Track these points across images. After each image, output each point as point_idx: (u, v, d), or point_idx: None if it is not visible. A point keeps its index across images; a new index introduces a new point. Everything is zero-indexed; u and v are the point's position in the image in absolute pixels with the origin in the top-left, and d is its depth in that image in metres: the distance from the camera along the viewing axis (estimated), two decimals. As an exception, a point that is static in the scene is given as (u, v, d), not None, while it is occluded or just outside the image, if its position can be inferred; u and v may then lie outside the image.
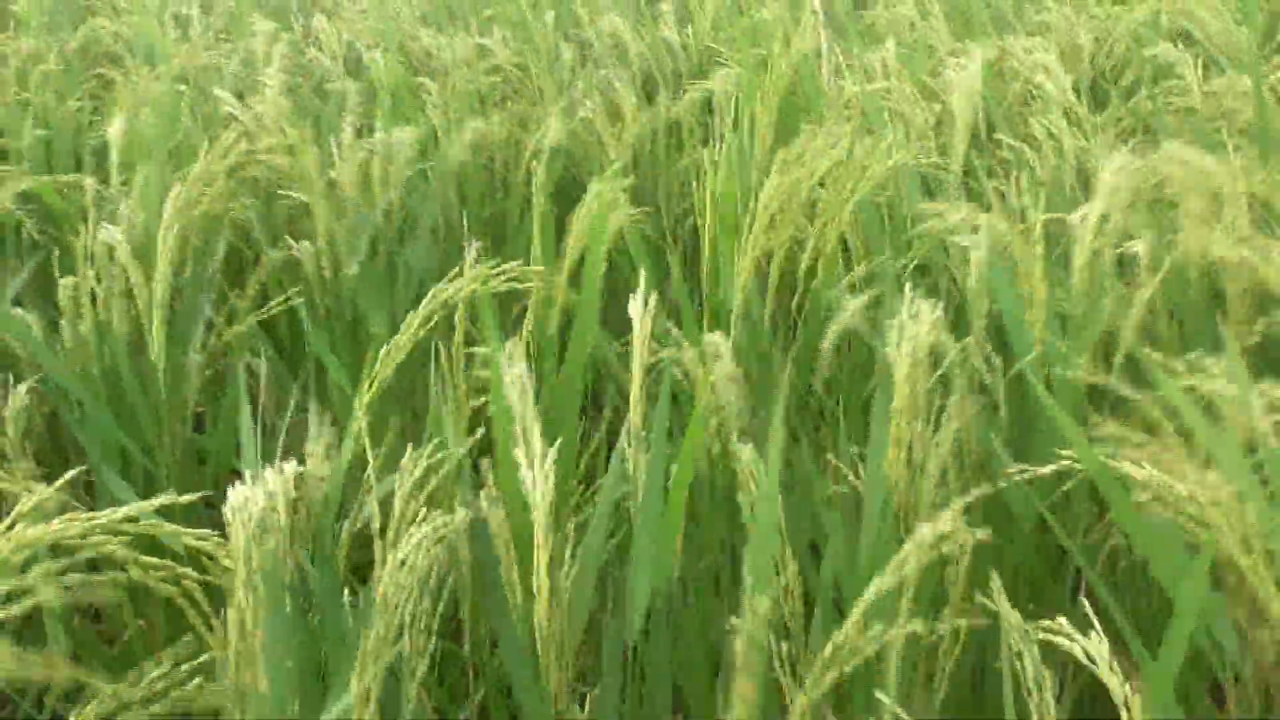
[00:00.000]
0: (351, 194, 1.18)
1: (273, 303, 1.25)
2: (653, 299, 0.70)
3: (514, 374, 0.60)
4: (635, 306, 0.70)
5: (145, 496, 1.08)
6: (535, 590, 0.59)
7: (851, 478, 0.80)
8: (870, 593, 0.55)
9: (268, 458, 1.32)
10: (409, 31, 2.36)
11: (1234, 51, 1.55)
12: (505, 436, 0.63)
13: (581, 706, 0.68)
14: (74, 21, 3.35)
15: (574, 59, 2.19)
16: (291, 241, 1.20)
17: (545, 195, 1.04)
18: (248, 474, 0.59)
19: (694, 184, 1.33)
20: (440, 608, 0.64)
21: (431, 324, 0.78)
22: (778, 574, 0.67)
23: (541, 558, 0.58)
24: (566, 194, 1.70)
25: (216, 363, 1.45)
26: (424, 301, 0.76)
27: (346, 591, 0.66)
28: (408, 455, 0.67)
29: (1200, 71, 1.44)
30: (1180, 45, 1.66)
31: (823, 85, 1.47)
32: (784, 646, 0.67)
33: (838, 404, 1.02)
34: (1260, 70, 1.19)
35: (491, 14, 2.65)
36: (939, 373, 0.77)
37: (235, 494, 0.57)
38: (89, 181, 1.16)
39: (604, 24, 2.56)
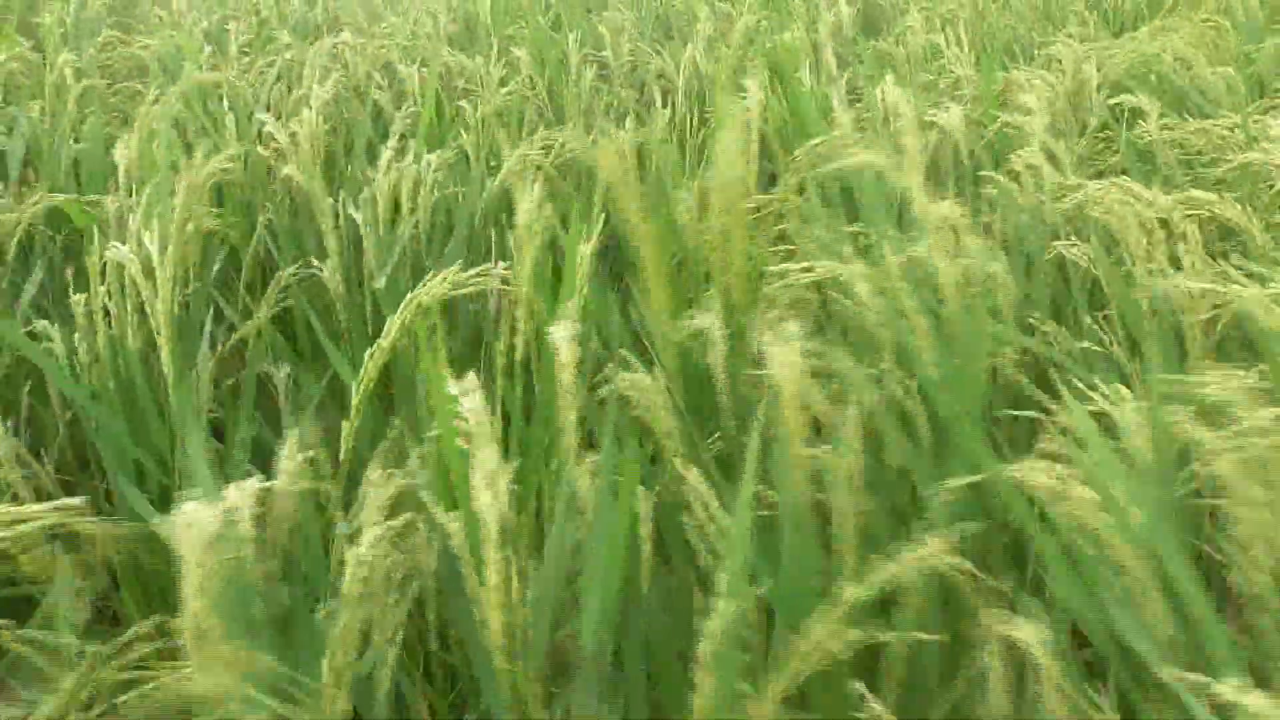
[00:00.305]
0: (384, 214, 1.20)
1: (274, 309, 1.26)
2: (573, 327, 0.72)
3: (471, 402, 0.61)
4: (558, 334, 0.71)
5: (161, 507, 1.10)
6: (488, 605, 0.60)
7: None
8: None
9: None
10: (435, 50, 2.38)
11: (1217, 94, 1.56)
12: (453, 456, 0.64)
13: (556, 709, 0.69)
14: (106, 34, 3.42)
15: (593, 79, 2.21)
16: (315, 261, 1.22)
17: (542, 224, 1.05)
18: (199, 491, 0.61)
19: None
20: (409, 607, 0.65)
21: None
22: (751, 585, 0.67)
23: (492, 577, 0.59)
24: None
25: (235, 373, 1.47)
26: (401, 306, 0.77)
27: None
28: (373, 468, 0.68)
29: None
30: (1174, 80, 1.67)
31: (826, 113, 1.48)
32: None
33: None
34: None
35: (512, 33, 2.67)
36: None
37: (183, 512, 0.57)
38: (110, 199, 1.18)
39: (624, 44, 2.58)
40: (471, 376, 0.63)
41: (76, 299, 1.14)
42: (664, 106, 2.04)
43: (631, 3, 3.45)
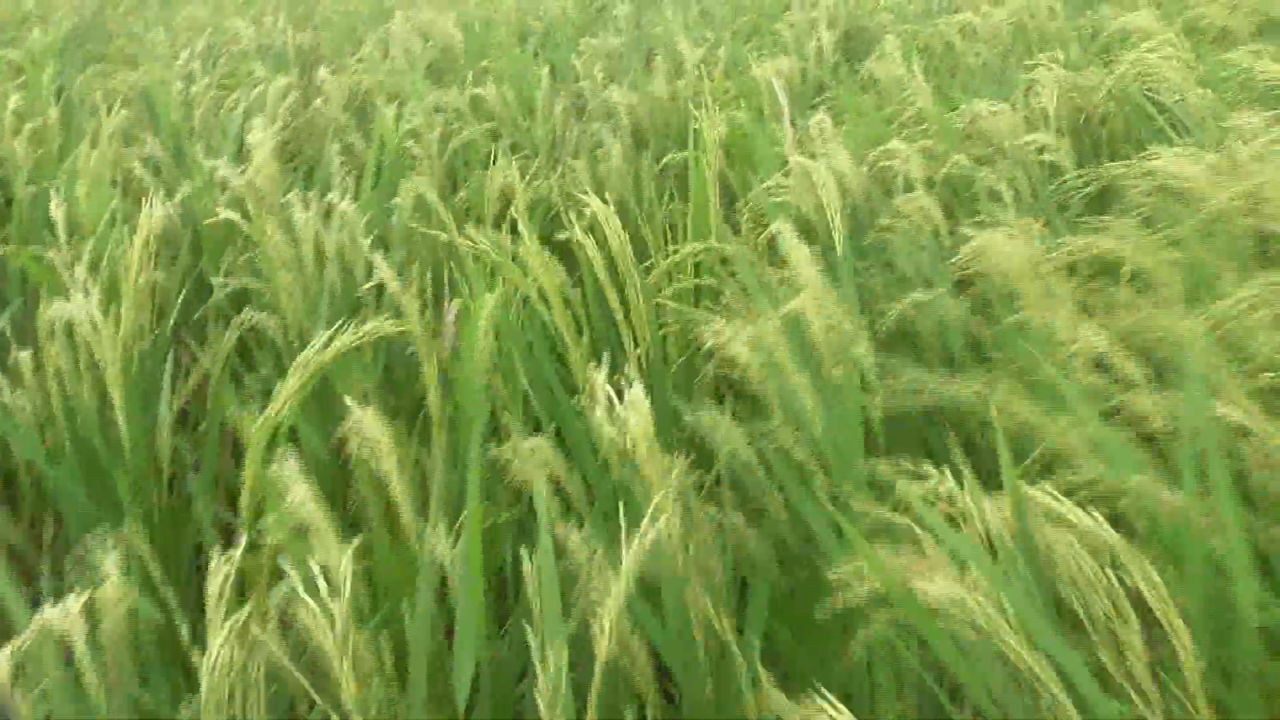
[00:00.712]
0: (315, 267, 1.19)
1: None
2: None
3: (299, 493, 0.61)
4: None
5: (125, 562, 1.09)
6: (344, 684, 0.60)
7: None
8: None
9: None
10: (409, 82, 2.39)
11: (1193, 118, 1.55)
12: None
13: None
14: (85, 62, 3.42)
15: (567, 111, 2.21)
16: (256, 312, 1.21)
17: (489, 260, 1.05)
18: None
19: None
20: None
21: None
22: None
23: (344, 664, 0.59)
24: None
25: (195, 424, 1.46)
26: (293, 366, 0.77)
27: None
28: (216, 557, 0.68)
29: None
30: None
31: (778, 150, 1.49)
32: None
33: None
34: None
35: (488, 64, 2.67)
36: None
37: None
38: (53, 254, 1.18)
39: (597, 73, 2.59)
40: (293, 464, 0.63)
41: (23, 357, 1.14)
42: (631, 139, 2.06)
43: (617, 29, 3.47)
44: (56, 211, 1.21)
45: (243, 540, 0.74)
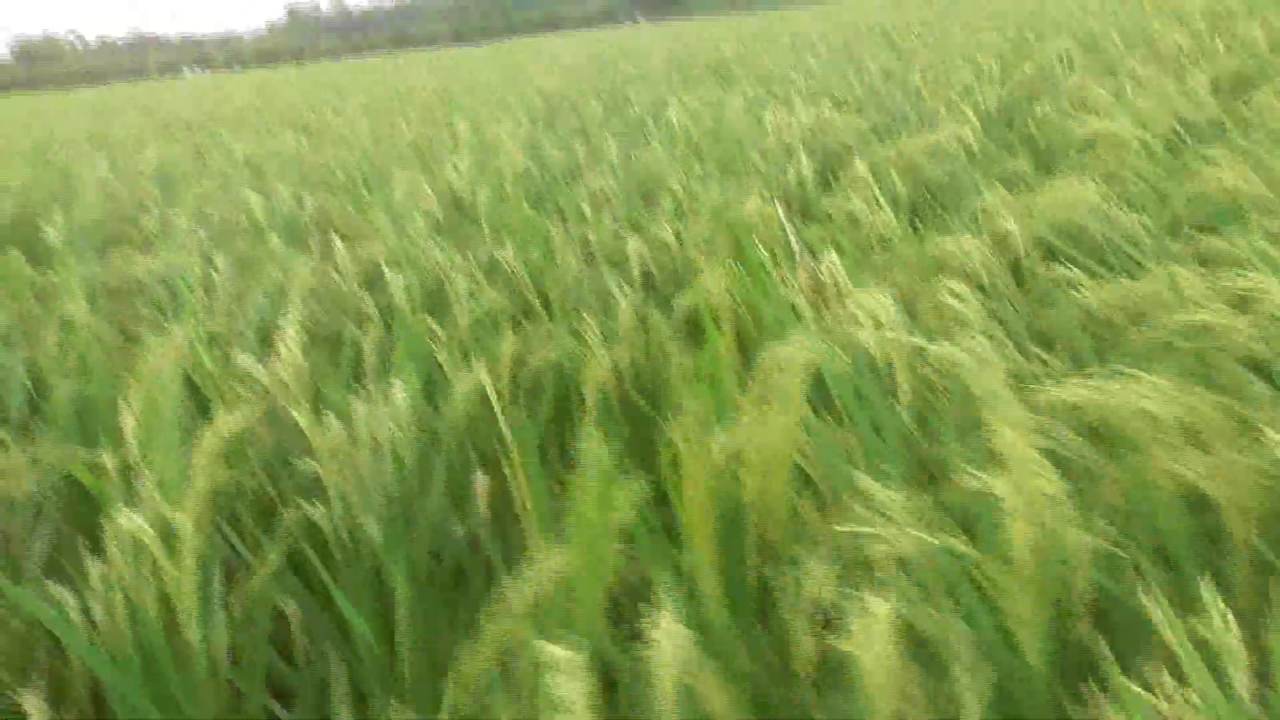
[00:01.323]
0: (363, 455, 1.25)
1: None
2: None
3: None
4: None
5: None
6: None
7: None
8: None
9: (304, 703, 1.37)
10: (422, 248, 2.49)
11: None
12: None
13: None
14: (103, 247, 3.55)
15: (579, 261, 2.30)
16: (304, 504, 1.26)
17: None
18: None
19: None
20: None
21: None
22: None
23: None
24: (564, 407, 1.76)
25: (251, 620, 1.49)
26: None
27: None
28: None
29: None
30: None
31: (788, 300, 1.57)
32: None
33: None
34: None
35: (498, 219, 2.79)
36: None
37: None
38: (109, 460, 1.23)
39: (605, 219, 2.70)
40: None
41: (95, 569, 1.18)
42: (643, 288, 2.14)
43: (611, 168, 3.61)
44: (125, 419, 1.27)
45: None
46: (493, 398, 1.33)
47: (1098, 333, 1.43)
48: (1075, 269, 1.58)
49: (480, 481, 1.42)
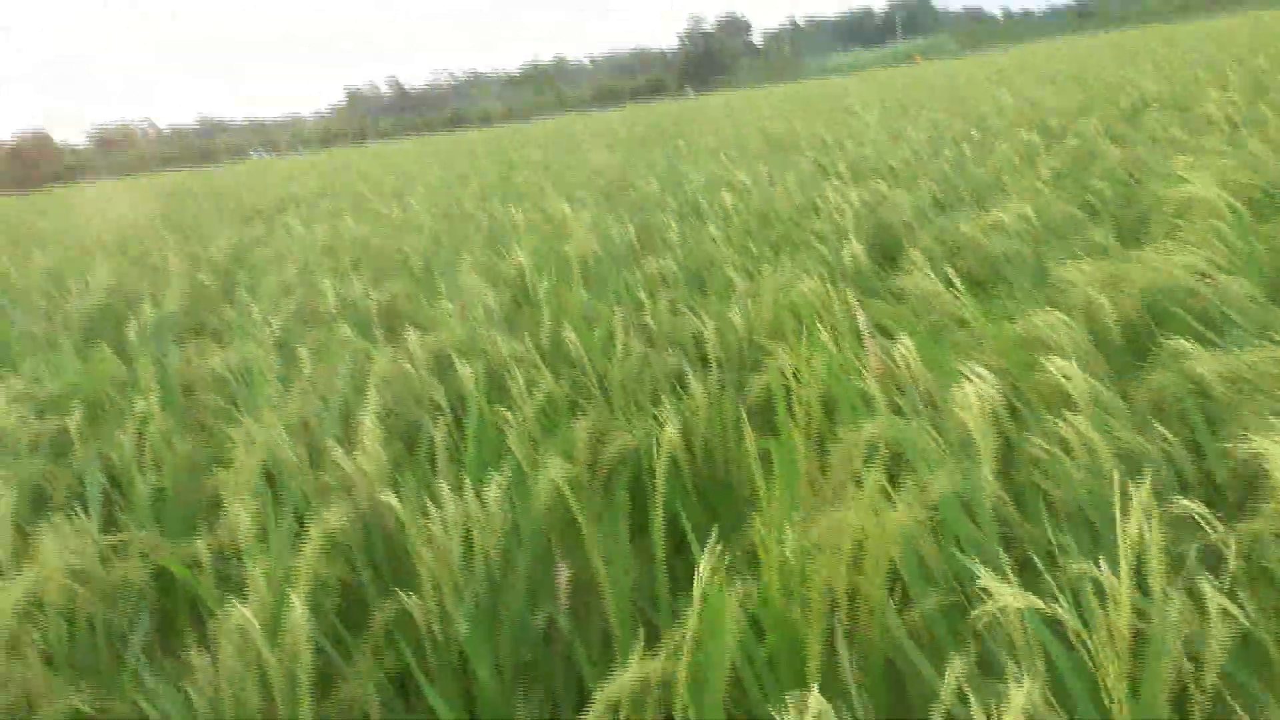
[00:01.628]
0: (451, 551, 1.32)
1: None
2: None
3: None
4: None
5: None
6: None
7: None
8: None
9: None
10: (487, 336, 2.58)
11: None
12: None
13: None
14: (179, 336, 3.71)
15: (640, 348, 2.37)
16: (403, 595, 1.33)
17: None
18: None
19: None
20: None
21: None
22: None
23: None
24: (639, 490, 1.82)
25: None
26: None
27: None
28: None
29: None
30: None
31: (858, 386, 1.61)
32: None
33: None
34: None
35: (557, 303, 2.88)
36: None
37: None
38: (203, 550, 1.31)
39: (661, 303, 2.77)
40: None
41: (199, 661, 1.26)
42: (704, 369, 2.20)
43: (668, 249, 3.70)
44: (233, 512, 1.35)
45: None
46: (566, 492, 1.40)
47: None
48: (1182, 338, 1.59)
49: (562, 574, 1.47)
